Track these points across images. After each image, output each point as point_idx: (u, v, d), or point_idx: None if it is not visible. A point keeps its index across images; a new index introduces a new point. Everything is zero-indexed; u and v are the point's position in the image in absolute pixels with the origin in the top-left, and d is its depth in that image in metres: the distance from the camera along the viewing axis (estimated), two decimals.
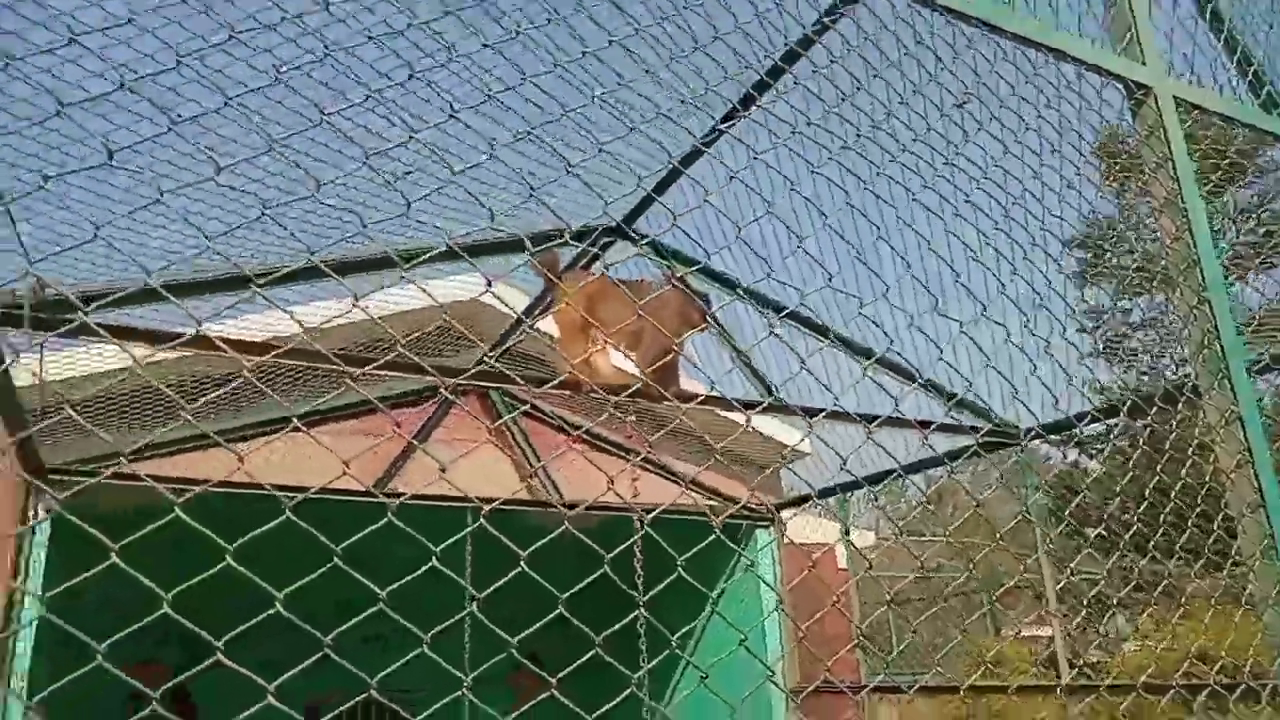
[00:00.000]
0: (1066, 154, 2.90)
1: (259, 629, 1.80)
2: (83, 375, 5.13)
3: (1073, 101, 2.79)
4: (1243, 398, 2.29)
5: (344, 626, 1.78)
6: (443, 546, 1.67)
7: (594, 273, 4.77)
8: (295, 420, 1.54)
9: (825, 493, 7.66)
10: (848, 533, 7.35)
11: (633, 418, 5.61)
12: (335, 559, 1.54)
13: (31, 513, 5.61)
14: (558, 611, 1.81)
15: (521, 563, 1.66)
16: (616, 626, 1.99)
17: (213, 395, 5.53)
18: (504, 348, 6.10)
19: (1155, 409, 2.87)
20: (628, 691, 2.09)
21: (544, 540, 1.92)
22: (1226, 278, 2.43)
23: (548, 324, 6.30)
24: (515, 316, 5.93)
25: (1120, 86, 2.53)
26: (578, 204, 4.11)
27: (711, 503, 7.62)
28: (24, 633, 5.41)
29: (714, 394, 2.23)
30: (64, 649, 1.59)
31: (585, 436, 7.59)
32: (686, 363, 4.17)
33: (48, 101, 2.20)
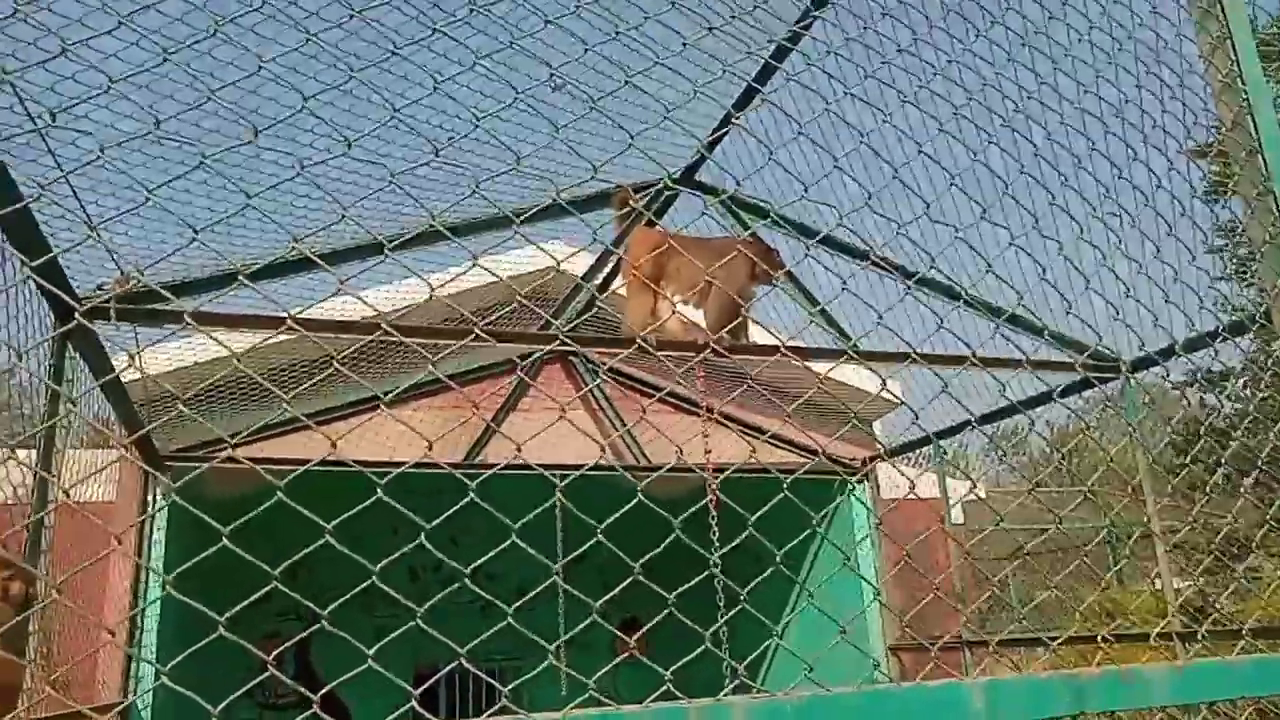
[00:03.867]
0: (1167, 60, 2.65)
1: (371, 597, 1.81)
2: (181, 366, 5.33)
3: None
4: None
5: (447, 590, 1.78)
6: (521, 523, 1.65)
7: (660, 227, 4.68)
8: (382, 402, 1.54)
9: (920, 443, 7.42)
10: (947, 482, 7.13)
11: (702, 374, 5.51)
12: (422, 531, 1.53)
13: (150, 498, 5.91)
14: (637, 574, 1.77)
15: (598, 534, 1.62)
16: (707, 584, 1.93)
17: (306, 380, 5.69)
18: (572, 314, 6.08)
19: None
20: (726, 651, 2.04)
21: (628, 505, 1.87)
22: None
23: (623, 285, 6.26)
24: (589, 279, 5.88)
25: None
26: (627, 164, 4.01)
27: (797, 458, 7.50)
28: (150, 609, 5.72)
29: (790, 344, 2.12)
30: (196, 629, 1.63)
31: (664, 398, 7.55)
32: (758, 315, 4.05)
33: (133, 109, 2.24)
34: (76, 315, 2.28)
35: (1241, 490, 2.40)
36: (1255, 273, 2.21)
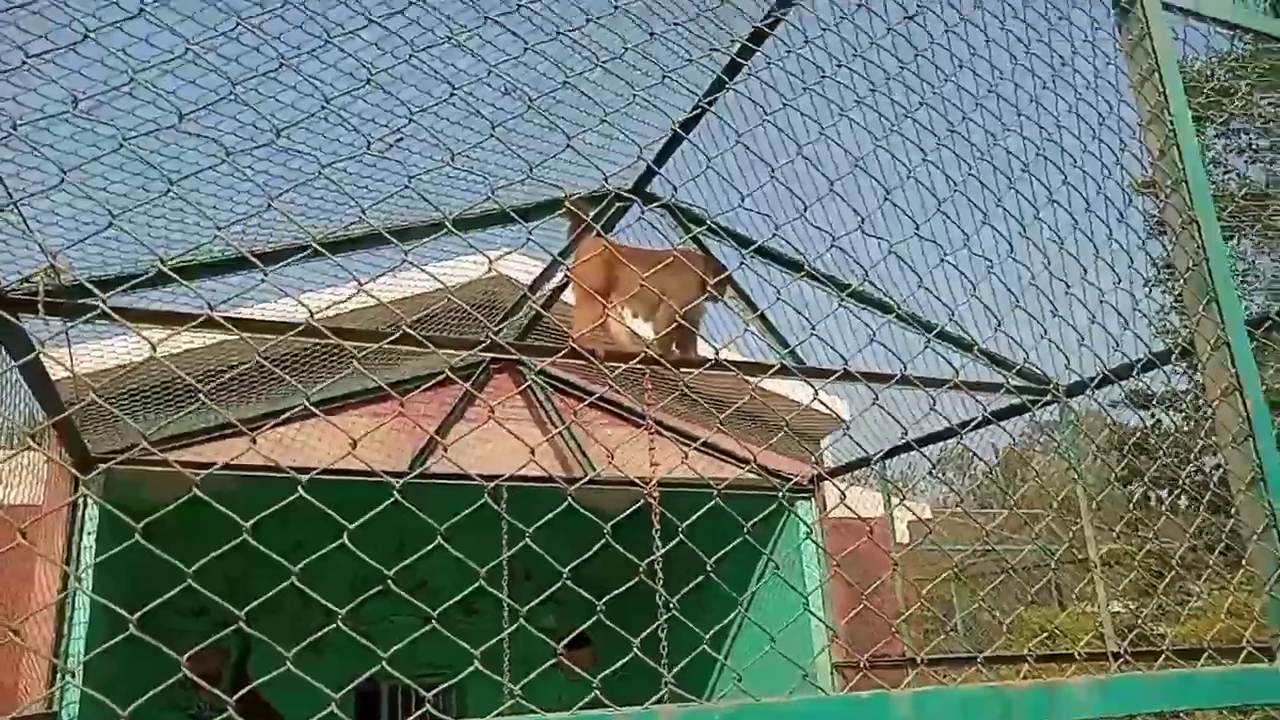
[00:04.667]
0: (1103, 92, 2.72)
1: (310, 610, 1.76)
2: (118, 364, 5.18)
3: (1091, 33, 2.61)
4: (1230, 321, 2.13)
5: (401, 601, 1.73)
6: (446, 525, 1.61)
7: (608, 238, 4.68)
8: (308, 403, 1.49)
9: (859, 463, 7.48)
10: (891, 501, 7.21)
11: (650, 387, 5.51)
12: (345, 536, 1.49)
13: (80, 502, 5.71)
14: (566, 580, 1.74)
15: (527, 538, 1.59)
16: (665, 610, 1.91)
17: (249, 384, 5.56)
18: (509, 320, 6.05)
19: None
20: (681, 663, 2.02)
21: (548, 515, 1.84)
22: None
23: (572, 295, 6.25)
24: (537, 289, 5.85)
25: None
26: (578, 172, 4.01)
27: (747, 474, 7.52)
28: (77, 619, 5.51)
29: (727, 358, 2.13)
30: (126, 643, 1.56)
31: (613, 409, 7.54)
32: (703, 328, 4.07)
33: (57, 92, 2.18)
34: None
35: (1163, 511, 2.46)
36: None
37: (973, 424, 5.45)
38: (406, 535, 2.62)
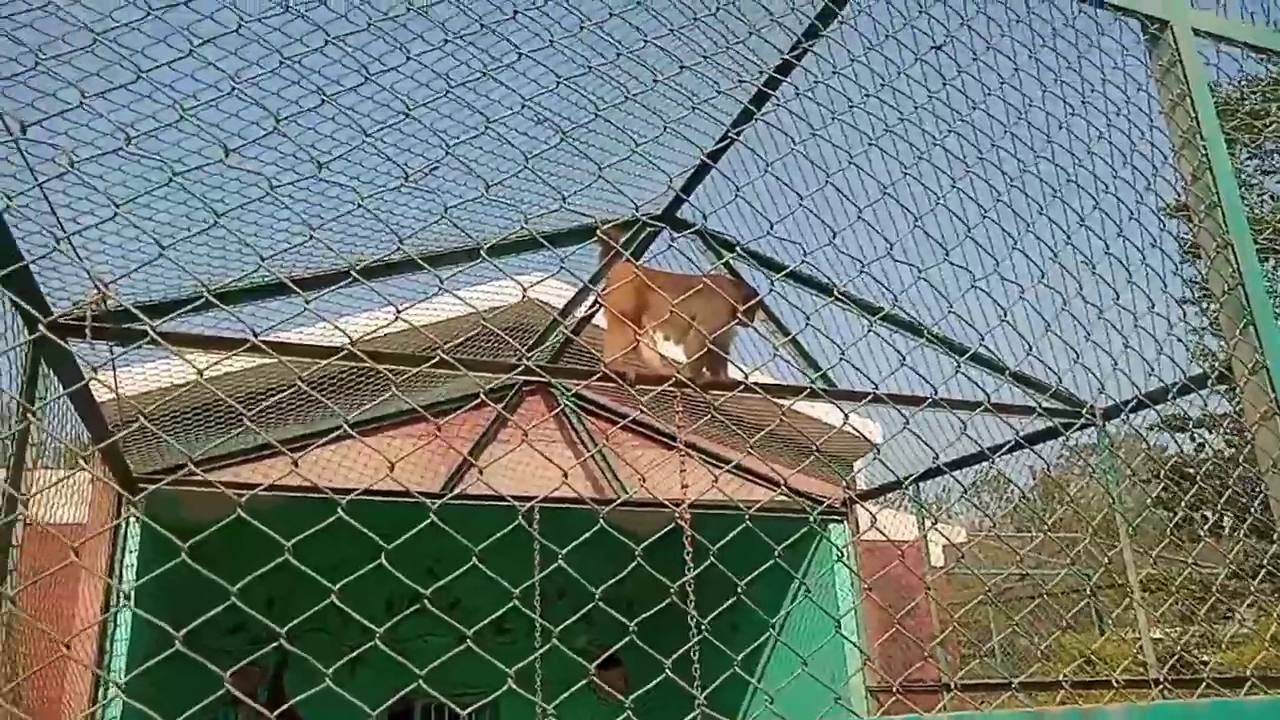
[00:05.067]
0: (1134, 118, 2.72)
1: (347, 628, 1.80)
2: (160, 387, 5.31)
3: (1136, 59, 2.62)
4: (1269, 345, 2.10)
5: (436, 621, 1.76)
6: (481, 546, 1.64)
7: (639, 265, 4.72)
8: (346, 425, 1.53)
9: (891, 486, 7.42)
10: (927, 524, 7.13)
11: (681, 409, 5.54)
12: (384, 557, 1.52)
13: (123, 521, 5.84)
14: (598, 602, 1.76)
15: (561, 559, 1.61)
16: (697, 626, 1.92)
17: (287, 406, 5.67)
18: (544, 345, 6.11)
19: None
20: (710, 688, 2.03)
21: (581, 536, 1.87)
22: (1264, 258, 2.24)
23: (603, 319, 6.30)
24: (568, 314, 5.92)
25: (1134, 24, 2.37)
26: (609, 199, 4.07)
27: (779, 497, 7.49)
28: (119, 636, 5.62)
29: (758, 381, 2.14)
30: (166, 662, 1.61)
31: (644, 432, 7.55)
32: (734, 351, 4.09)
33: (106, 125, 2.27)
34: (40, 327, 2.27)
35: (1203, 536, 2.42)
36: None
37: (1004, 447, 5.40)
38: (441, 555, 2.65)
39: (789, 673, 2.27)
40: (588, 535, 1.83)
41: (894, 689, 5.94)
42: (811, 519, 7.53)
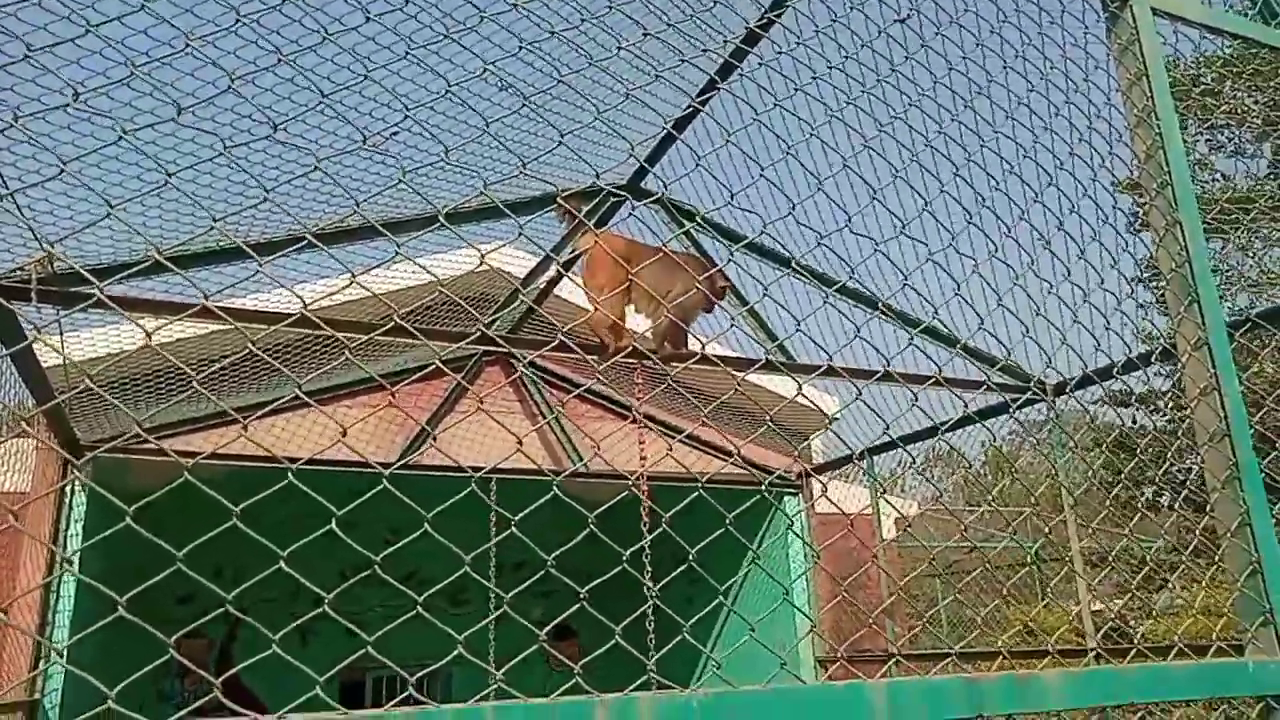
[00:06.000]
0: (1093, 96, 2.76)
1: (298, 599, 1.78)
2: (110, 353, 5.19)
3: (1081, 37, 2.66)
4: (1211, 321, 2.17)
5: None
6: (433, 514, 1.63)
7: (615, 233, 4.70)
8: (299, 391, 1.51)
9: (844, 460, 7.55)
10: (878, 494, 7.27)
11: (641, 380, 5.58)
12: (334, 523, 1.51)
13: (69, 488, 5.72)
14: (550, 568, 1.77)
15: (513, 526, 1.61)
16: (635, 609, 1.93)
17: (242, 373, 5.57)
18: (503, 314, 6.08)
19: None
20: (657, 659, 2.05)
21: (537, 505, 1.87)
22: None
23: (566, 289, 6.27)
24: (530, 283, 5.89)
25: (1095, 2, 2.41)
26: (574, 168, 4.04)
27: (735, 469, 7.57)
28: (61, 607, 5.52)
29: (716, 353, 2.16)
30: (109, 632, 1.58)
31: (606, 404, 7.57)
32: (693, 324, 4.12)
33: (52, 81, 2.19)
34: None
35: (1141, 510, 2.51)
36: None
37: (952, 422, 5.51)
38: (400, 527, 2.64)
39: (743, 645, 2.31)
40: (543, 506, 1.84)
41: (839, 657, 6.08)
42: (763, 489, 7.62)
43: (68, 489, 5.69)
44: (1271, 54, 2.82)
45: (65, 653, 4.90)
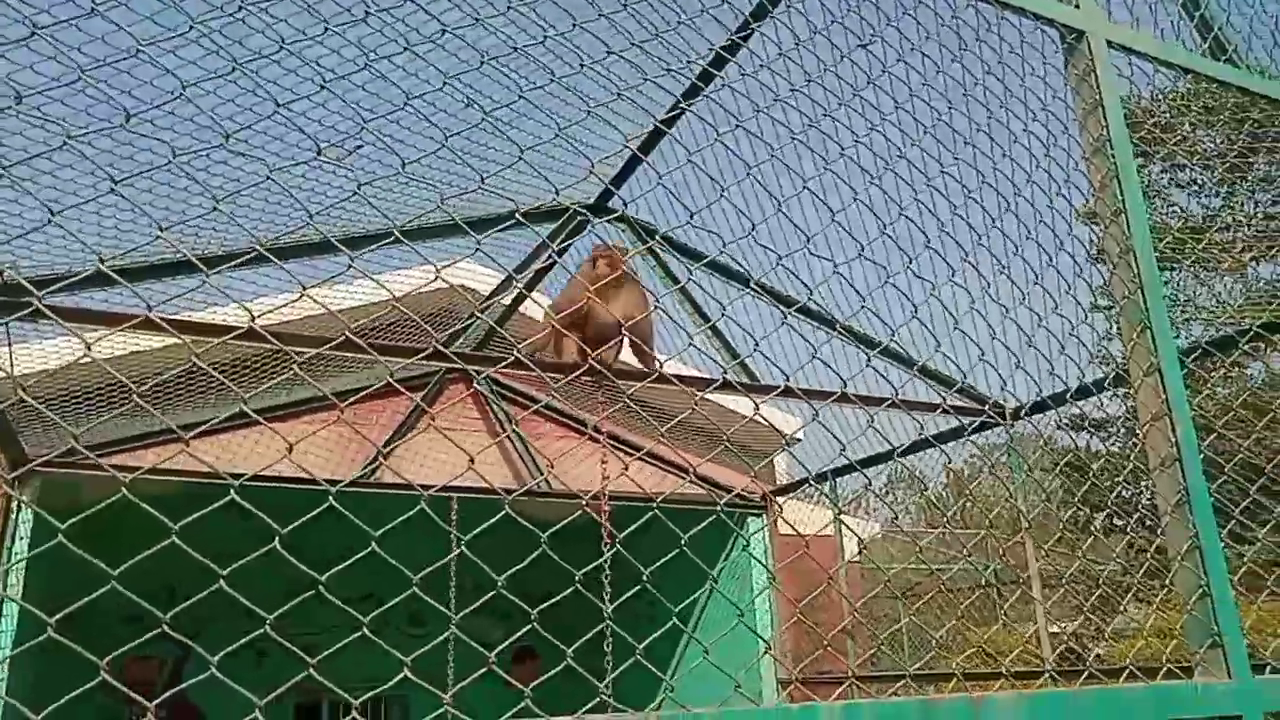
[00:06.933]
0: (1050, 125, 2.82)
1: (255, 620, 1.74)
2: (61, 367, 5.07)
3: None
4: (1163, 349, 2.22)
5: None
6: (381, 532, 1.60)
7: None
8: (244, 405, 1.48)
9: (803, 481, 7.59)
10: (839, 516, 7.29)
11: (603, 400, 5.60)
12: (277, 541, 1.47)
13: (15, 504, 5.54)
14: (502, 589, 1.75)
15: (462, 546, 1.59)
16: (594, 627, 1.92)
17: (184, 385, 5.46)
18: (467, 332, 6.05)
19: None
20: (618, 674, 2.03)
21: (494, 526, 1.85)
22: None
23: (530, 307, 6.25)
24: (492, 300, 5.88)
25: (1054, 34, 2.47)
26: (538, 185, 4.06)
27: (695, 489, 7.57)
28: (4, 626, 5.34)
29: (676, 374, 2.16)
30: (54, 655, 1.53)
31: (569, 423, 7.54)
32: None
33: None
34: None
35: (1095, 533, 2.54)
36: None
37: (909, 445, 5.56)
38: (356, 547, 2.60)
39: (705, 665, 2.29)
40: (492, 521, 1.81)
41: (794, 679, 6.08)
42: (719, 509, 7.59)
43: (13, 507, 5.52)
44: (1220, 89, 2.90)
45: (5, 681, 4.74)
